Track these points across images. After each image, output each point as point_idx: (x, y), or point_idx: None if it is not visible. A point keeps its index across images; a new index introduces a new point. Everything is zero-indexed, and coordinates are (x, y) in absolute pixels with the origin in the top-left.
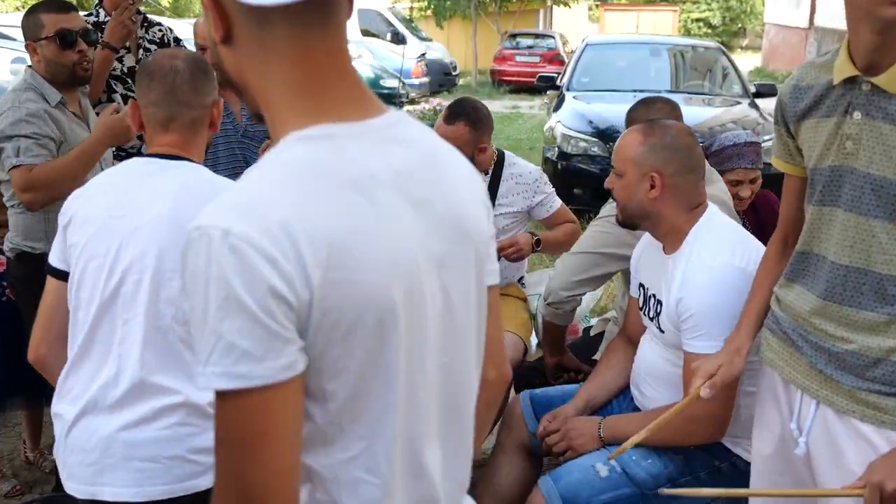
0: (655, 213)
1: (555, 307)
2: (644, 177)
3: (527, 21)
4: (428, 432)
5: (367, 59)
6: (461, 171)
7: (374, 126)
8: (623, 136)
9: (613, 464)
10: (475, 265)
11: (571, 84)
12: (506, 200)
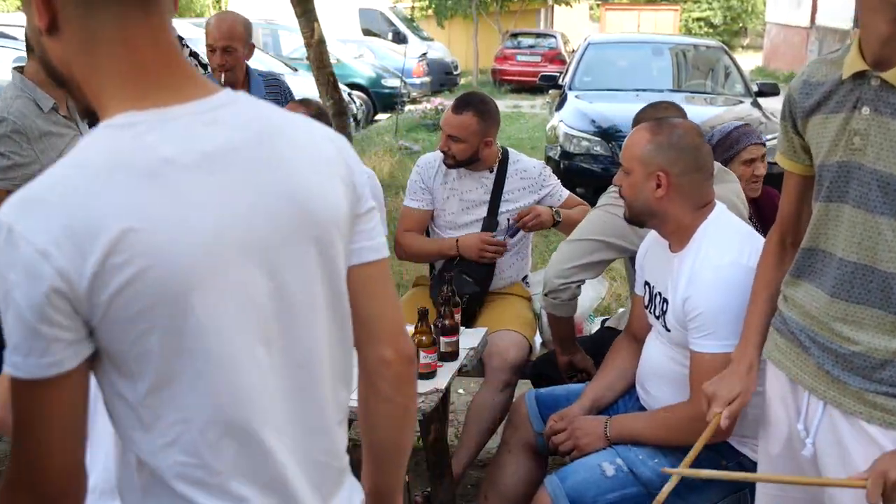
0: (661, 211)
1: (552, 297)
2: (650, 175)
3: (528, 20)
4: (267, 415)
5: (369, 59)
6: (311, 149)
7: (192, 110)
8: (631, 133)
9: (620, 463)
10: (323, 244)
11: (573, 83)
12: (511, 196)
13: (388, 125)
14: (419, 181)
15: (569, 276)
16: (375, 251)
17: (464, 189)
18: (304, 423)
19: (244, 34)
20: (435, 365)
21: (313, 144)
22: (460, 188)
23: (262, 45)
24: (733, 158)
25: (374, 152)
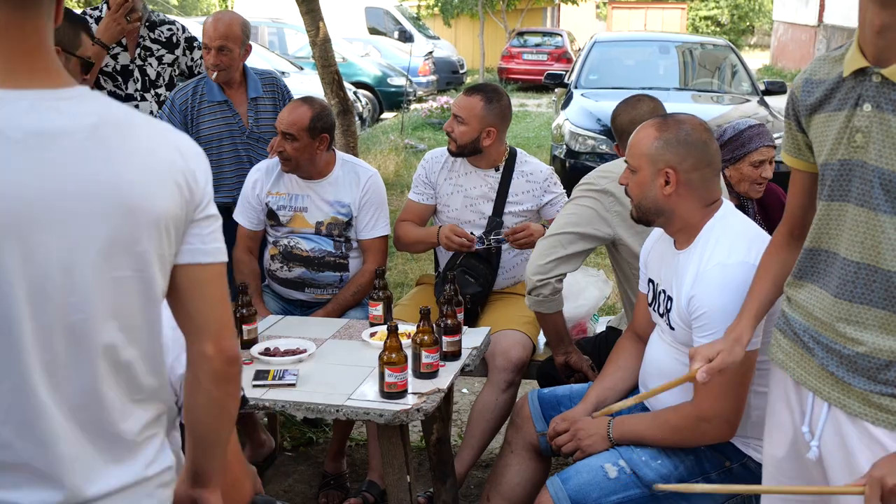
0: (670, 209)
1: (534, 294)
2: (659, 172)
3: (534, 19)
4: (36, 385)
5: (375, 57)
6: (145, 152)
7: (38, 96)
8: (637, 131)
9: (622, 464)
10: (128, 236)
11: (579, 82)
12: (515, 199)
13: (393, 124)
14: (423, 175)
15: (546, 271)
16: (207, 255)
17: (468, 185)
18: (73, 402)
19: (241, 35)
20: (437, 365)
21: (150, 148)
22: (465, 185)
23: (267, 44)
24: (743, 158)
25: (379, 151)
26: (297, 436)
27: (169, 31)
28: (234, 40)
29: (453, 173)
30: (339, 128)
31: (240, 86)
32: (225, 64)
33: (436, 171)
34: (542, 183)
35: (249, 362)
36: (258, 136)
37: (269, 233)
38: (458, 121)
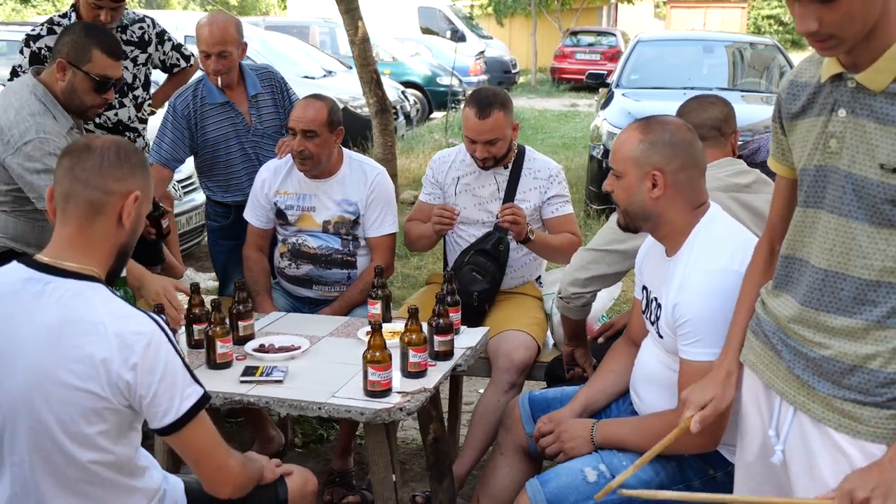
0: (657, 213)
1: (565, 301)
2: (645, 176)
3: (590, 18)
4: None
5: (426, 57)
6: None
7: None
8: (620, 135)
9: (602, 469)
10: None
11: (621, 81)
12: (523, 196)
13: (440, 123)
14: (431, 175)
15: (584, 285)
16: None
17: (477, 185)
18: None
19: (237, 36)
20: (425, 364)
21: None
22: (474, 184)
23: (318, 44)
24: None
25: (421, 150)
26: (309, 432)
27: (140, 29)
28: (231, 43)
29: (461, 172)
30: (376, 127)
31: (238, 85)
32: (226, 67)
33: (443, 171)
34: (547, 179)
35: (243, 358)
36: (262, 132)
37: (277, 231)
38: (492, 143)
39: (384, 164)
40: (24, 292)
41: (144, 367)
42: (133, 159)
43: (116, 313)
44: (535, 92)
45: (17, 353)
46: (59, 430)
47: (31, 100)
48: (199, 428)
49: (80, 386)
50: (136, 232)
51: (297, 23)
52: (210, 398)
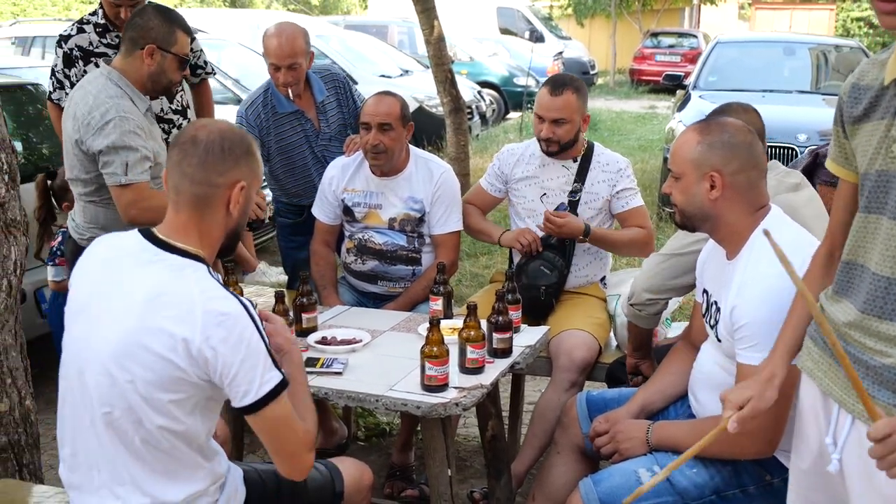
0: (715, 214)
1: (637, 308)
2: (703, 177)
3: (671, 19)
4: None
5: (503, 58)
6: None
7: None
8: (679, 136)
9: (657, 470)
10: None
11: (698, 83)
12: (591, 189)
13: (516, 124)
14: (497, 167)
15: (661, 291)
16: None
17: (545, 177)
18: None
19: (305, 47)
20: (483, 361)
21: None
22: (541, 176)
23: (396, 43)
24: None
25: (495, 150)
26: (371, 426)
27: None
28: (300, 55)
29: (530, 166)
30: (450, 126)
31: (305, 91)
32: (295, 79)
33: (510, 163)
34: (616, 173)
35: (305, 349)
36: (329, 135)
37: (345, 227)
38: (559, 123)
39: (457, 163)
40: (136, 258)
41: (227, 347)
42: (238, 150)
43: (208, 293)
44: (613, 93)
45: (113, 312)
46: (135, 390)
47: (108, 84)
48: (277, 411)
49: (163, 355)
50: (245, 213)
51: (376, 22)
52: (289, 384)
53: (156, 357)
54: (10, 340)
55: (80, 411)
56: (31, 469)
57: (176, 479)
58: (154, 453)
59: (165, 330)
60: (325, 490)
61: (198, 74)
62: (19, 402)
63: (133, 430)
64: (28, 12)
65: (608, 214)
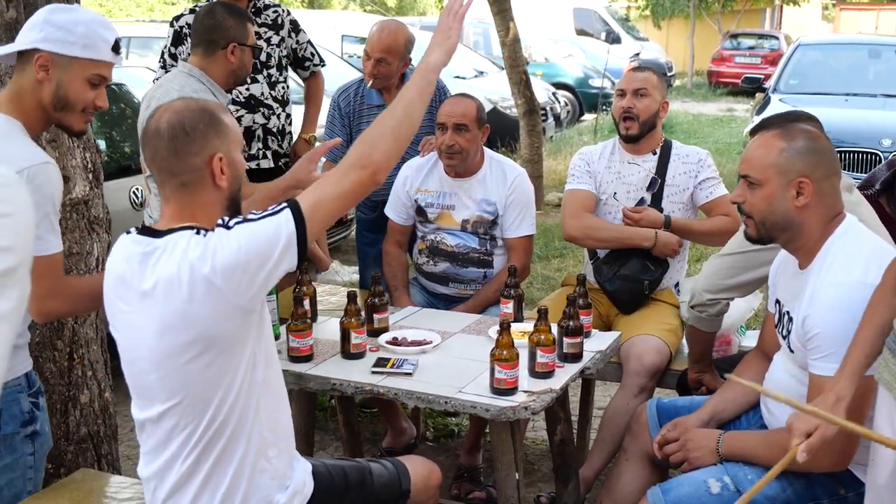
0: (799, 222)
1: (698, 310)
2: (790, 183)
3: (752, 20)
4: None
5: (579, 59)
6: None
7: None
8: (756, 142)
9: (727, 481)
10: None
11: (778, 86)
12: (673, 181)
13: (591, 126)
14: (583, 165)
15: (722, 290)
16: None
17: (626, 172)
18: None
19: (402, 50)
20: (552, 365)
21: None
22: (623, 172)
23: (472, 44)
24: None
25: (569, 152)
26: (440, 427)
27: (274, 13)
28: (394, 54)
29: (612, 162)
30: (524, 128)
31: (396, 89)
32: (381, 73)
33: (594, 159)
34: (697, 164)
35: (376, 349)
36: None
37: (417, 228)
38: (639, 95)
39: (530, 164)
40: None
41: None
42: (201, 124)
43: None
44: (690, 95)
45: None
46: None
47: (191, 80)
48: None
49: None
50: (237, 178)
51: None
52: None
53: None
54: (91, 334)
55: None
56: (109, 459)
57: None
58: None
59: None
60: (392, 487)
61: (306, 67)
62: (99, 395)
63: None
64: (113, 13)
65: (693, 209)
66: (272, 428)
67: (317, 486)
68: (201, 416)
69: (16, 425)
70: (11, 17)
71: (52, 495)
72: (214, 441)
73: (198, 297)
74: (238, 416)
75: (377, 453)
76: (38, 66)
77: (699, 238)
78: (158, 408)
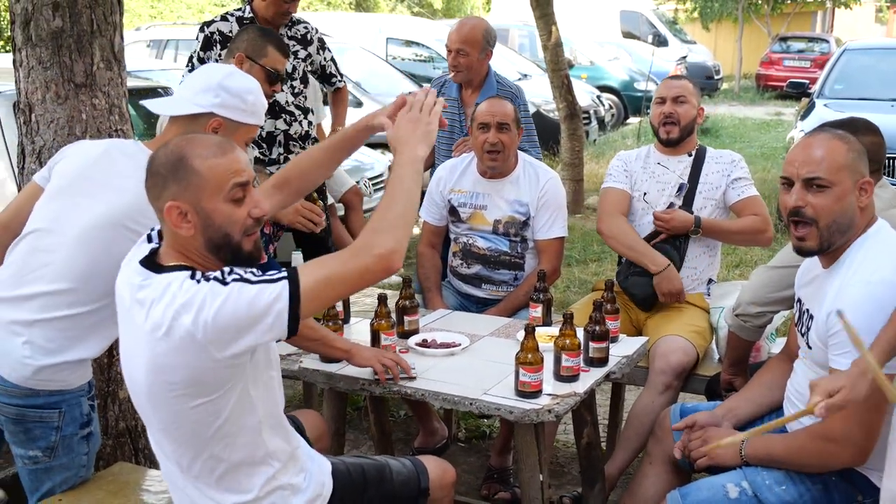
0: (856, 224)
1: (742, 319)
2: (856, 184)
3: (802, 23)
4: None
5: (625, 62)
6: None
7: None
8: (814, 144)
9: (745, 486)
10: None
11: (823, 91)
12: (707, 179)
13: (634, 129)
14: (621, 166)
15: (766, 304)
16: None
17: (660, 172)
18: None
19: (481, 41)
20: (578, 369)
21: None
22: (658, 172)
23: (517, 47)
24: None
25: (611, 156)
26: (472, 428)
27: (304, 29)
28: (472, 44)
29: (648, 162)
30: (565, 131)
31: (476, 89)
32: (462, 66)
33: (632, 160)
34: (730, 164)
35: (406, 351)
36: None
37: (450, 229)
38: (679, 102)
39: (571, 168)
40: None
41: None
42: (163, 170)
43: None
44: (737, 99)
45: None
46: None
47: None
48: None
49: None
50: (210, 227)
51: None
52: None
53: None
54: None
55: None
56: (146, 454)
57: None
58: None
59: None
60: (411, 484)
61: (332, 83)
62: None
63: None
64: (164, 15)
65: (724, 209)
66: (277, 452)
67: (336, 485)
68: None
69: (76, 427)
70: (57, 27)
71: (91, 487)
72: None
73: (179, 345)
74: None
75: (409, 453)
76: (210, 129)
77: (729, 237)
78: (156, 435)
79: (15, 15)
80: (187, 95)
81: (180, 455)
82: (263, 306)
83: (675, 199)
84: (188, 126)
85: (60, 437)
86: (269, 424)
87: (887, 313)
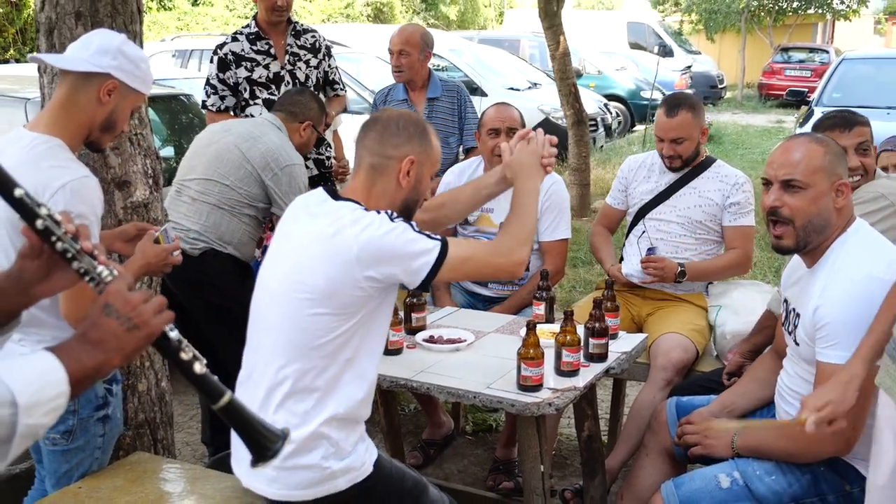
0: (834, 224)
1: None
2: (832, 186)
3: (803, 35)
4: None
5: (632, 72)
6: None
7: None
8: (792, 147)
9: (736, 476)
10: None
11: (821, 99)
12: (701, 186)
13: (640, 136)
14: (621, 183)
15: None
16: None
17: (662, 182)
18: None
19: (419, 42)
20: (577, 364)
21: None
22: (661, 181)
23: (528, 57)
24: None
25: (617, 161)
26: (479, 421)
27: (313, 38)
28: (412, 45)
29: (652, 172)
30: (572, 138)
31: (421, 89)
32: (404, 66)
33: (633, 170)
34: (734, 185)
35: (413, 347)
36: None
37: (458, 232)
38: (678, 142)
39: (578, 173)
40: (308, 210)
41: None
42: (411, 128)
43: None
44: (740, 107)
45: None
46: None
47: (285, 138)
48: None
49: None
50: (416, 189)
51: (508, 37)
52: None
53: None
54: None
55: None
56: (165, 444)
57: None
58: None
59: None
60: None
61: (334, 89)
62: (156, 384)
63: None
64: (191, 27)
65: (717, 226)
66: (346, 402)
67: (373, 475)
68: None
69: (90, 409)
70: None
71: (109, 474)
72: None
73: (332, 252)
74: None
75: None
76: (105, 90)
77: (712, 276)
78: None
79: (40, 24)
80: (84, 56)
81: (275, 358)
82: (416, 251)
83: (650, 244)
84: (80, 84)
85: (78, 419)
86: (357, 373)
87: (874, 307)
